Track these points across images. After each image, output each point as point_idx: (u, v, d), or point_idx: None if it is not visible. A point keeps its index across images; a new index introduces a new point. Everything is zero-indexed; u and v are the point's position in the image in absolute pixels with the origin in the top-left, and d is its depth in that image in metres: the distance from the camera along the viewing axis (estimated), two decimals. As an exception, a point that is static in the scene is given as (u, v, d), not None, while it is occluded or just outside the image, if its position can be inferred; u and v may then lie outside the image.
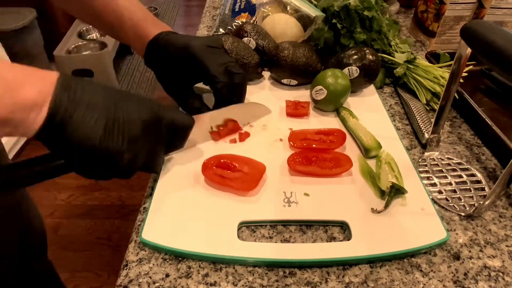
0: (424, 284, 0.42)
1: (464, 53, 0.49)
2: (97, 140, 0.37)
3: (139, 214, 0.50)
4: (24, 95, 0.34)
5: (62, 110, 0.36)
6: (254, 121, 0.63)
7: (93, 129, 0.37)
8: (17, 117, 0.34)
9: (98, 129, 0.37)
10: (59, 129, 0.36)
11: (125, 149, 0.39)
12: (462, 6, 0.81)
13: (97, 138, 0.37)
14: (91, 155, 0.38)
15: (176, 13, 3.30)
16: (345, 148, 0.59)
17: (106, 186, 1.69)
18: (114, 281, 0.42)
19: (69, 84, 0.37)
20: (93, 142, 0.37)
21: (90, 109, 0.37)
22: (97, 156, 0.38)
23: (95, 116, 0.37)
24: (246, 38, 0.74)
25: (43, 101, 0.35)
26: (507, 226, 0.49)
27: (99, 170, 0.40)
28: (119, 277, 0.42)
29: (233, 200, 0.50)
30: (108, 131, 0.38)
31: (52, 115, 0.35)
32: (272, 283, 0.42)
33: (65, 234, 1.50)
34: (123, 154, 0.39)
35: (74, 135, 0.36)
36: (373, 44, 0.75)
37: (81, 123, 0.36)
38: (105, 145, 0.38)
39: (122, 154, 0.39)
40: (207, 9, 1.07)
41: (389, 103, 0.71)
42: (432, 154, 0.59)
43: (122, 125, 0.39)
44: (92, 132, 0.37)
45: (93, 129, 0.37)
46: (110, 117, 0.38)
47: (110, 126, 0.38)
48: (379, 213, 0.48)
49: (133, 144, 0.40)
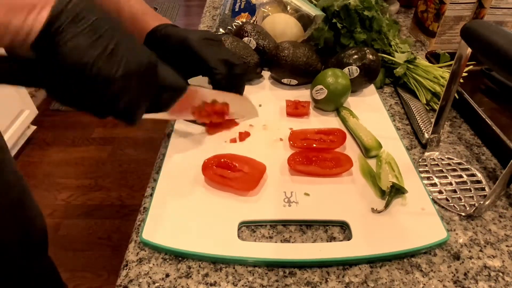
0: (424, 284, 0.42)
1: (465, 53, 0.49)
2: (91, 58, 0.34)
3: (139, 214, 0.50)
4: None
5: (63, 17, 0.32)
6: (239, 118, 0.63)
7: (90, 48, 0.34)
8: (14, 21, 0.31)
9: (95, 49, 0.34)
10: (54, 37, 0.33)
11: (116, 79, 0.36)
12: (462, 6, 0.81)
13: (92, 57, 0.34)
14: (77, 72, 0.34)
15: (176, 13, 3.30)
16: (345, 147, 0.59)
17: (106, 186, 1.69)
18: (114, 281, 0.42)
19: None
20: (86, 59, 0.34)
21: (93, 27, 0.34)
22: (86, 77, 0.35)
23: (96, 36, 0.35)
24: (247, 38, 0.74)
25: (45, 1, 0.32)
26: (507, 226, 0.49)
27: (78, 94, 0.37)
28: (119, 277, 0.42)
29: (233, 200, 0.50)
30: (105, 56, 0.35)
31: (53, 17, 0.32)
32: (272, 283, 0.42)
33: (65, 234, 1.50)
34: (112, 83, 0.36)
35: (69, 45, 0.33)
36: (373, 44, 0.75)
37: (80, 37, 0.33)
38: (97, 67, 0.34)
39: (111, 83, 0.36)
40: (207, 9, 1.07)
41: (389, 103, 0.71)
42: (432, 154, 0.59)
43: (121, 56, 0.36)
44: (88, 49, 0.34)
45: (90, 48, 0.34)
46: (111, 43, 0.36)
47: (109, 52, 0.35)
48: (379, 213, 0.48)
49: (125, 78, 0.37)
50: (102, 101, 0.37)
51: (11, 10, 0.31)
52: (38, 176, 1.74)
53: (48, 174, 1.75)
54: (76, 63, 0.34)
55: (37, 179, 1.72)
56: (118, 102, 0.38)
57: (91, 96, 0.36)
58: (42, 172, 1.76)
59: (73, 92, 0.36)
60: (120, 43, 0.36)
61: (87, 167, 1.79)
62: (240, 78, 0.59)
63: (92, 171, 1.77)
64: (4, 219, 0.69)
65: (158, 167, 0.55)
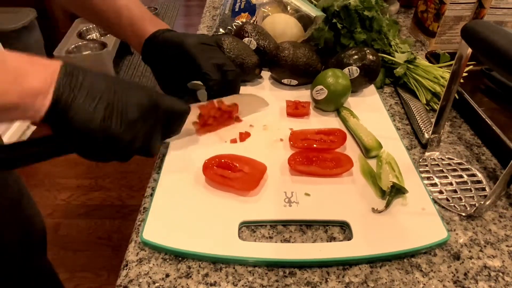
0: (424, 284, 0.42)
1: (465, 53, 0.49)
2: (96, 123, 0.39)
3: (139, 214, 0.50)
4: (31, 83, 0.36)
5: (64, 97, 0.38)
6: (250, 114, 0.64)
7: (93, 114, 0.39)
8: (25, 102, 0.36)
9: (97, 114, 0.39)
10: (62, 113, 0.38)
11: (123, 132, 0.41)
12: (462, 6, 0.81)
13: (96, 122, 0.39)
14: (90, 138, 0.40)
15: (176, 13, 3.30)
16: (345, 148, 0.59)
17: (106, 186, 1.69)
18: (114, 281, 0.42)
19: (71, 72, 0.39)
20: (93, 126, 0.39)
21: (90, 95, 0.39)
22: (96, 138, 0.40)
23: (95, 101, 0.40)
24: (247, 38, 0.74)
25: (48, 88, 0.37)
26: (507, 226, 0.49)
27: (98, 152, 0.42)
28: (119, 277, 0.42)
29: (234, 200, 0.50)
30: (107, 115, 0.40)
31: (56, 101, 0.37)
32: (272, 283, 0.42)
33: (65, 234, 1.50)
34: (121, 137, 0.41)
35: (75, 119, 0.38)
36: (373, 44, 0.75)
37: (82, 108, 0.39)
38: (104, 128, 0.40)
39: (120, 137, 0.41)
40: (207, 9, 1.07)
41: (389, 103, 0.71)
42: (432, 154, 0.59)
43: (121, 110, 0.41)
44: (92, 116, 0.39)
45: (93, 114, 0.39)
46: (109, 102, 0.40)
47: (110, 110, 0.40)
48: (379, 213, 0.48)
49: (131, 127, 0.42)
50: (119, 152, 0.43)
51: (21, 96, 0.36)
52: (38, 176, 1.74)
53: (48, 174, 1.75)
54: (85, 130, 0.39)
55: (37, 179, 1.72)
56: (131, 147, 0.43)
57: (108, 151, 0.42)
58: (42, 172, 1.76)
59: (93, 151, 0.42)
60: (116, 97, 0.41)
61: (87, 167, 1.79)
62: (233, 84, 0.60)
63: (92, 171, 1.77)
64: (4, 218, 0.69)
65: (158, 167, 0.55)
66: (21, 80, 0.36)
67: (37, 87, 0.37)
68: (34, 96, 0.36)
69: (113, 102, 0.41)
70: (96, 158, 0.43)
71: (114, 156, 0.44)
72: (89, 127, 0.39)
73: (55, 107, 0.38)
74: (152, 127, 0.45)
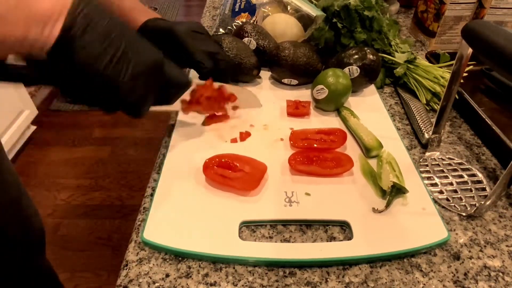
0: (424, 284, 0.42)
1: (465, 53, 0.49)
2: (101, 65, 0.37)
3: (139, 214, 0.49)
4: (40, 4, 0.33)
5: (76, 27, 0.35)
6: (244, 108, 0.64)
7: (100, 55, 0.37)
8: (32, 34, 0.33)
9: (105, 56, 0.37)
10: (68, 44, 0.35)
11: (124, 83, 0.39)
12: (462, 6, 0.81)
13: (101, 64, 0.37)
14: (90, 78, 0.37)
15: (176, 13, 3.29)
16: (346, 147, 0.59)
17: (106, 186, 1.69)
18: (114, 281, 0.42)
19: (89, 2, 0.36)
20: (97, 66, 0.37)
21: (103, 34, 0.37)
22: (95, 81, 0.38)
23: (106, 43, 0.37)
24: (247, 38, 0.74)
25: (59, 12, 0.34)
26: (507, 226, 0.49)
27: (89, 95, 0.40)
28: (119, 277, 0.42)
29: (234, 200, 0.50)
30: (115, 61, 0.38)
31: (66, 28, 0.34)
32: (272, 283, 0.42)
33: (65, 234, 1.50)
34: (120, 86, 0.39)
35: (82, 54, 0.35)
36: (374, 44, 0.75)
37: (91, 45, 0.36)
38: (107, 73, 0.37)
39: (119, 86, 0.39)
40: (207, 9, 1.07)
41: (389, 103, 0.71)
42: (433, 154, 0.59)
43: (129, 60, 0.39)
44: (99, 57, 0.37)
45: (100, 55, 0.37)
46: (119, 49, 0.38)
47: (118, 57, 0.38)
48: (380, 212, 0.48)
49: (133, 80, 0.40)
50: (112, 100, 0.40)
51: (28, 24, 0.33)
52: (38, 176, 1.74)
53: (48, 174, 1.75)
54: (89, 68, 0.36)
55: (37, 179, 1.72)
56: (126, 100, 0.41)
57: (102, 96, 0.40)
58: (42, 172, 1.76)
59: (85, 92, 0.39)
60: (128, 46, 0.39)
61: (87, 167, 1.79)
62: (225, 72, 0.61)
63: (92, 171, 1.77)
64: (5, 218, 0.69)
65: (158, 167, 0.55)
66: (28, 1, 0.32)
67: (47, 10, 0.33)
68: (43, 22, 0.33)
69: (123, 50, 0.38)
70: (83, 99, 0.41)
71: (103, 103, 0.41)
72: (94, 66, 0.36)
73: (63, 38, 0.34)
74: (150, 88, 0.44)
